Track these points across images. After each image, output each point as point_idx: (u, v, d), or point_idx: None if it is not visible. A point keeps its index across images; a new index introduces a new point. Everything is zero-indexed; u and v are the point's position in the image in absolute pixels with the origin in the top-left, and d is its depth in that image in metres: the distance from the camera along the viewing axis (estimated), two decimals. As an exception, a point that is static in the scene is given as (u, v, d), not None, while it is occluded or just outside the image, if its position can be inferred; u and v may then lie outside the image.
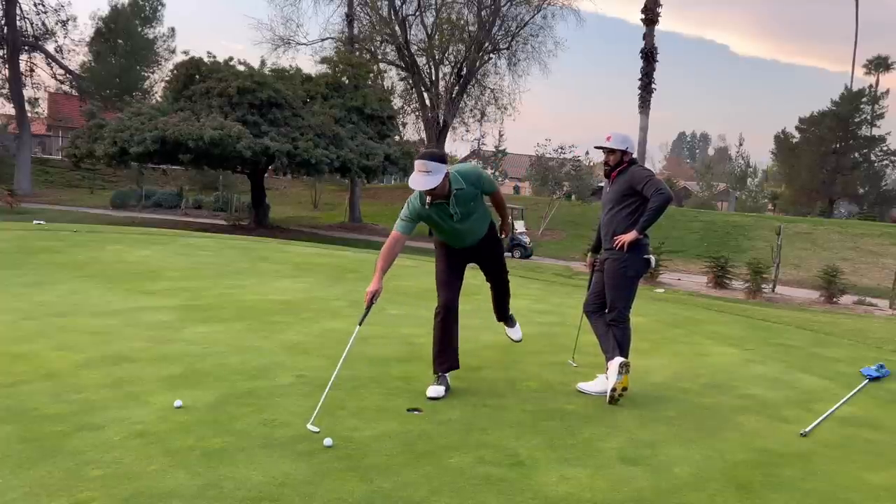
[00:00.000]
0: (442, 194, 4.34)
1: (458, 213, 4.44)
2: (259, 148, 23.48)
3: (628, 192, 4.59)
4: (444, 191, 4.32)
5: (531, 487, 3.15)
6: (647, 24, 25.85)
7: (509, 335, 5.51)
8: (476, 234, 4.67)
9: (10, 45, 35.71)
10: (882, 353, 6.80)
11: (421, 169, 4.21)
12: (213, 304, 6.99)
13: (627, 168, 4.66)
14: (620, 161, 4.67)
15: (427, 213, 4.41)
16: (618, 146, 4.63)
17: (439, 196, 4.34)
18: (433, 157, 4.27)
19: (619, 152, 4.64)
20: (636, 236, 4.48)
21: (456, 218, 4.46)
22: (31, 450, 3.24)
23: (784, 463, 3.66)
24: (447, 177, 4.30)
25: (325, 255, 12.53)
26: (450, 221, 4.48)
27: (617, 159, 4.66)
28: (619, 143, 4.63)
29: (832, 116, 45.56)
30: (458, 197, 4.40)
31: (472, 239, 4.67)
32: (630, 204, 4.59)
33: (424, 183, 4.17)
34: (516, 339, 5.50)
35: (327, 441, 3.51)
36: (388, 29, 40.87)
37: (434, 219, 4.48)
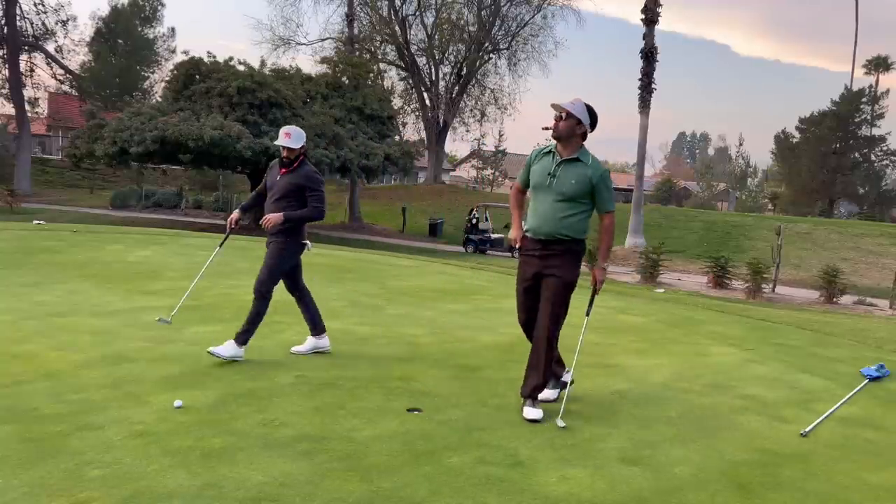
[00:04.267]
0: (563, 138, 4.08)
1: (556, 179, 4.08)
2: (259, 148, 23.47)
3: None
4: (566, 132, 4.05)
5: (531, 487, 3.15)
6: (647, 24, 25.79)
7: (526, 416, 4.12)
8: (552, 228, 4.12)
9: (10, 45, 35.71)
10: (882, 353, 6.79)
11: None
12: (214, 303, 6.99)
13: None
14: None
15: (537, 160, 4.19)
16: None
17: (562, 147, 4.10)
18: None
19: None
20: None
21: (551, 182, 4.09)
22: (31, 450, 3.24)
23: (784, 463, 3.66)
24: (576, 126, 4.07)
25: (325, 255, 12.53)
26: (545, 178, 4.11)
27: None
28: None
29: (832, 116, 45.58)
30: (570, 163, 4.08)
31: (547, 227, 4.12)
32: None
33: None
34: (531, 417, 4.10)
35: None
36: (388, 29, 40.90)
37: (537, 169, 4.16)
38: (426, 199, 38.12)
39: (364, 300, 7.76)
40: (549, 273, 4.15)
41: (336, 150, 25.53)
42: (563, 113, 4.10)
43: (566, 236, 4.12)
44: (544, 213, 4.12)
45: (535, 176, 4.20)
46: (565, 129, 4.09)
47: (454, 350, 5.64)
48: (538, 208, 4.16)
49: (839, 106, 45.84)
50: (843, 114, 45.50)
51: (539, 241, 4.16)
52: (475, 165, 59.12)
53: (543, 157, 4.21)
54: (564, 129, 4.09)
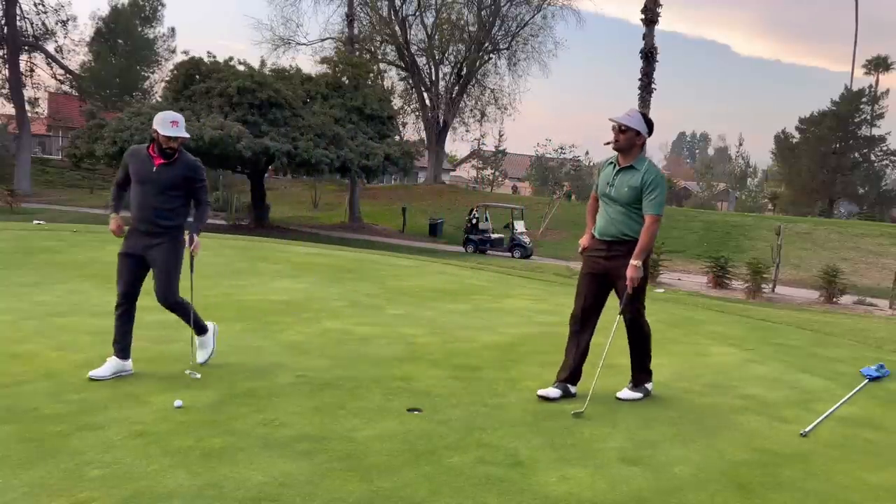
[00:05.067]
0: (624, 150, 4.36)
1: (614, 187, 4.39)
2: (259, 148, 23.47)
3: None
4: (626, 144, 4.33)
5: (531, 487, 3.14)
6: (646, 24, 25.79)
7: (621, 395, 4.63)
8: (613, 231, 4.41)
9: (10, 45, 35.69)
10: (882, 353, 6.80)
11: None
12: (214, 303, 6.99)
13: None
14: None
15: (603, 170, 4.56)
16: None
17: (622, 157, 4.39)
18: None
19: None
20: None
21: (610, 189, 4.42)
22: (31, 450, 3.24)
23: (784, 463, 3.66)
24: (635, 137, 4.33)
25: (325, 255, 12.53)
26: (606, 187, 4.46)
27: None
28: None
29: (832, 116, 45.56)
30: (626, 171, 4.38)
31: (610, 229, 4.42)
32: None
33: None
34: (624, 398, 4.61)
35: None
36: (388, 29, 40.90)
37: (601, 178, 4.53)
38: (426, 199, 38.12)
39: (364, 300, 7.76)
40: (619, 274, 4.41)
41: (336, 150, 25.52)
42: (622, 126, 4.34)
43: (629, 237, 4.39)
44: (607, 218, 4.48)
45: (600, 185, 4.56)
46: (625, 142, 4.36)
47: (454, 350, 5.64)
48: (603, 214, 4.52)
49: (839, 106, 45.82)
50: (843, 114, 45.49)
51: (604, 241, 4.49)
52: (475, 165, 59.10)
53: (607, 166, 4.55)
54: (625, 142, 4.36)
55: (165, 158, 4.47)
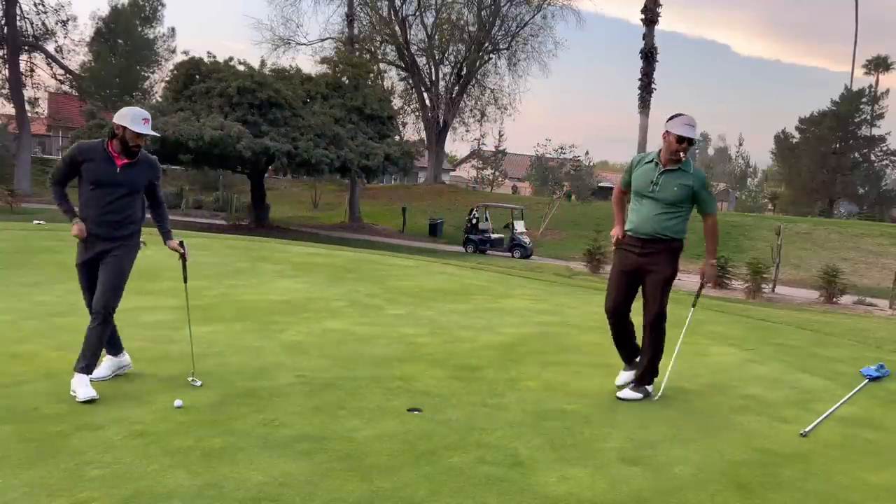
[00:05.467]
0: (667, 158, 4.47)
1: (659, 186, 4.47)
2: (259, 148, 23.47)
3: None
4: (668, 154, 4.45)
5: (531, 487, 3.14)
6: (646, 24, 25.81)
7: (621, 395, 4.63)
8: (654, 229, 4.48)
9: (10, 45, 35.68)
10: (882, 353, 6.80)
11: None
12: (213, 304, 6.99)
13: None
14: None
15: (639, 167, 4.59)
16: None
17: (664, 157, 4.48)
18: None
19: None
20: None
21: (654, 189, 4.48)
22: (31, 450, 3.24)
23: (784, 463, 3.66)
24: (666, 135, 4.46)
25: (325, 255, 12.53)
26: (648, 186, 4.50)
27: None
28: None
29: (832, 116, 45.58)
30: (672, 172, 4.48)
31: (648, 228, 4.48)
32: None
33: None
34: (624, 398, 4.60)
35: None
36: (388, 29, 40.91)
37: (638, 176, 4.58)
38: (426, 199, 38.12)
39: (364, 300, 7.76)
40: (649, 269, 4.52)
41: (336, 150, 25.52)
42: (691, 140, 4.49)
43: (665, 237, 4.50)
44: (646, 216, 4.51)
45: (636, 182, 4.59)
46: (687, 152, 4.53)
47: (454, 350, 5.64)
48: (640, 211, 4.54)
49: (839, 106, 45.84)
50: (843, 114, 45.50)
51: (639, 238, 4.54)
52: (475, 165, 59.10)
53: (645, 165, 4.59)
54: (687, 153, 4.53)
55: (130, 158, 4.12)
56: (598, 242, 19.83)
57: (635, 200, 4.60)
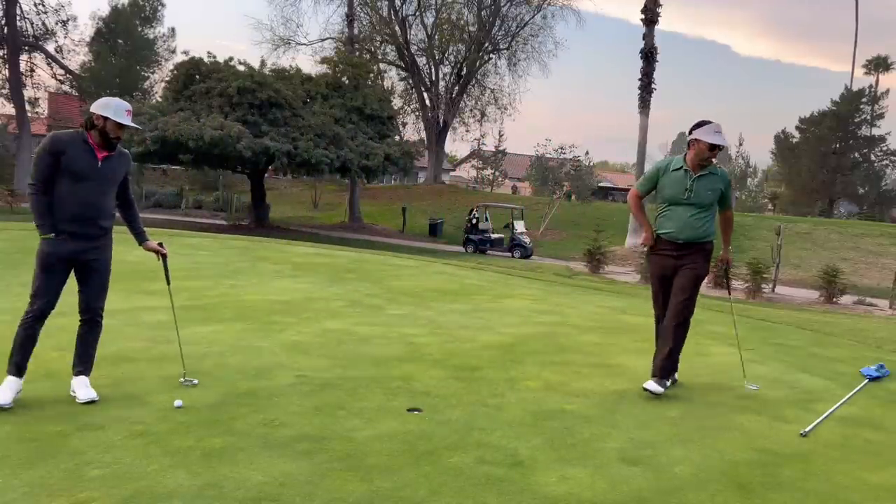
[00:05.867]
0: (697, 164, 4.63)
1: (693, 192, 4.64)
2: (259, 148, 23.48)
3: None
4: (699, 160, 4.61)
5: (531, 487, 3.14)
6: (646, 24, 25.79)
7: (648, 387, 4.64)
8: (693, 233, 4.69)
9: (10, 45, 35.71)
10: (882, 353, 6.80)
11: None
12: (214, 303, 6.99)
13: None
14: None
15: (667, 174, 4.72)
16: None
17: (694, 163, 4.64)
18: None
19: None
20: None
21: (689, 195, 4.65)
22: (31, 450, 3.24)
23: (784, 463, 3.66)
24: (695, 143, 4.61)
25: (325, 255, 12.53)
26: (682, 192, 4.66)
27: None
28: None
29: (832, 116, 45.56)
30: (704, 177, 4.66)
31: (686, 233, 4.68)
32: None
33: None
34: (650, 389, 4.62)
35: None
36: (388, 29, 40.92)
37: (668, 183, 4.70)
38: (426, 199, 38.13)
39: (364, 300, 7.76)
40: (684, 265, 4.71)
41: (336, 150, 25.53)
42: (721, 147, 4.67)
43: (703, 239, 4.72)
44: (683, 222, 4.69)
45: (669, 189, 4.73)
46: (716, 157, 4.75)
47: (454, 350, 5.64)
48: (676, 217, 4.71)
49: (839, 106, 45.82)
50: (843, 114, 45.48)
51: (677, 243, 4.72)
52: (475, 165, 59.09)
53: (674, 172, 4.74)
54: (716, 158, 4.74)
55: (109, 150, 3.93)
56: (598, 242, 19.83)
57: (669, 207, 4.75)
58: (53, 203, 3.82)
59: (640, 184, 5.01)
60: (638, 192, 5.00)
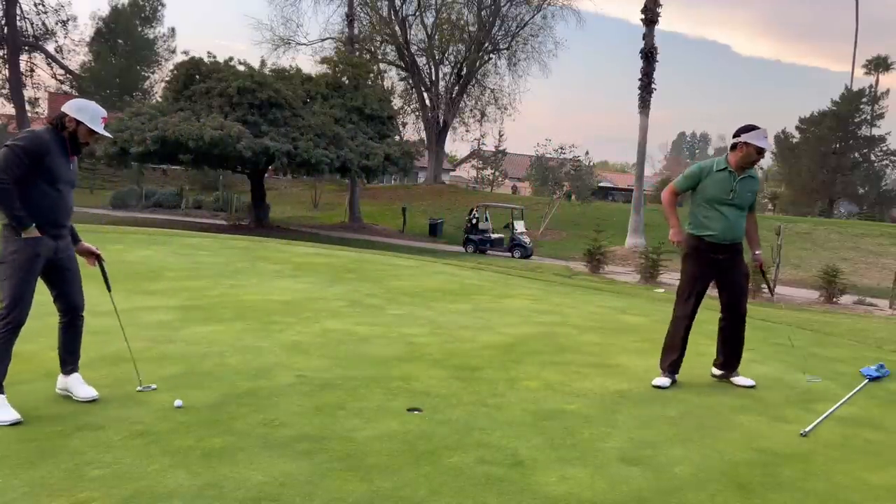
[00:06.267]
0: (741, 166, 4.74)
1: (737, 193, 4.76)
2: (259, 148, 23.48)
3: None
4: (744, 163, 4.72)
5: (531, 487, 3.14)
6: (646, 24, 25.78)
7: (736, 382, 5.13)
8: (735, 234, 4.84)
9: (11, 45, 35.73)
10: (882, 353, 6.79)
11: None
12: (213, 304, 6.99)
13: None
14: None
15: (710, 175, 4.78)
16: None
17: (738, 165, 4.73)
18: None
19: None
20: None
21: (733, 196, 4.77)
22: (31, 450, 3.24)
23: (784, 463, 3.66)
24: (743, 147, 4.69)
25: (325, 255, 12.53)
26: (726, 194, 4.76)
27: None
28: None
29: (832, 116, 45.56)
30: (746, 179, 4.80)
31: (732, 234, 4.82)
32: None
33: None
34: (748, 385, 5.06)
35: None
36: (388, 29, 40.93)
37: (712, 184, 4.76)
38: (426, 199, 38.14)
39: (364, 300, 7.76)
40: (730, 268, 4.91)
41: (336, 150, 25.53)
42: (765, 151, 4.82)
43: (739, 240, 4.89)
44: (730, 223, 4.81)
45: (713, 190, 4.80)
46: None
47: (454, 350, 5.64)
48: (722, 219, 4.79)
49: (839, 106, 45.82)
50: (843, 114, 45.48)
51: (721, 245, 4.83)
52: (475, 165, 59.08)
53: (718, 173, 4.81)
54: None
55: (76, 154, 3.86)
56: (598, 242, 19.83)
57: (712, 208, 4.81)
58: (30, 209, 3.65)
59: (679, 182, 4.98)
60: (676, 189, 5.00)
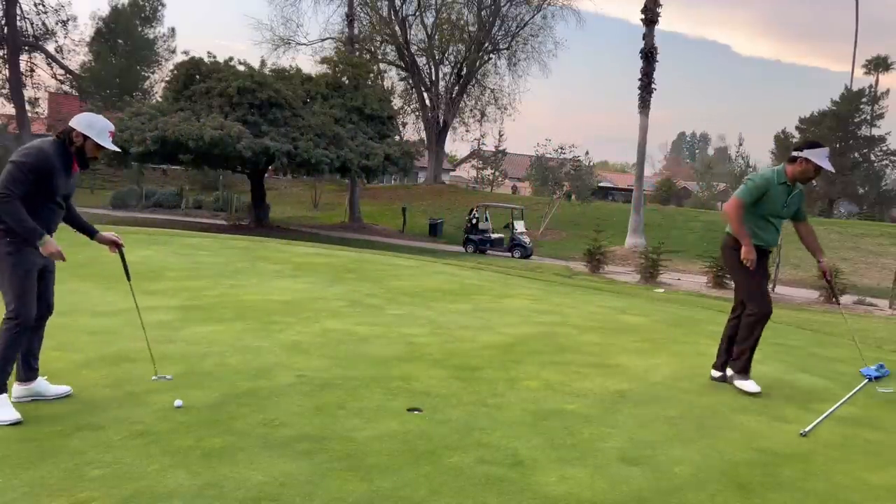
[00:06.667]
0: (797, 181, 4.89)
1: (789, 207, 4.97)
2: (259, 148, 23.48)
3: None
4: (801, 178, 4.86)
5: (531, 487, 3.14)
6: (646, 24, 25.79)
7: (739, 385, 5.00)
8: (775, 241, 5.08)
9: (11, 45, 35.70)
10: (882, 353, 6.80)
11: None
12: (214, 304, 6.99)
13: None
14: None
15: (774, 188, 4.88)
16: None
17: (794, 179, 4.88)
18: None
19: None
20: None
21: (784, 209, 4.95)
22: (31, 450, 3.24)
23: (784, 463, 3.66)
24: (803, 162, 4.82)
25: (325, 255, 12.53)
26: (781, 207, 4.92)
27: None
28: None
29: (832, 116, 45.55)
30: (796, 194, 4.98)
31: (776, 242, 5.09)
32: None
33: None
34: (752, 391, 4.92)
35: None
36: (388, 29, 40.94)
37: (772, 197, 4.88)
38: (426, 199, 38.13)
39: (364, 300, 7.76)
40: (764, 267, 5.11)
41: (336, 150, 25.54)
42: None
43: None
44: (778, 233, 5.05)
45: (773, 203, 4.93)
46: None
47: (454, 350, 5.64)
48: (770, 229, 4.99)
49: (839, 106, 45.80)
50: (843, 114, 45.47)
51: (766, 251, 5.04)
52: (475, 165, 59.04)
53: (780, 186, 4.93)
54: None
55: (84, 168, 3.89)
56: (598, 242, 19.83)
57: (766, 219, 4.94)
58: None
59: (745, 194, 4.93)
60: (743, 202, 4.94)
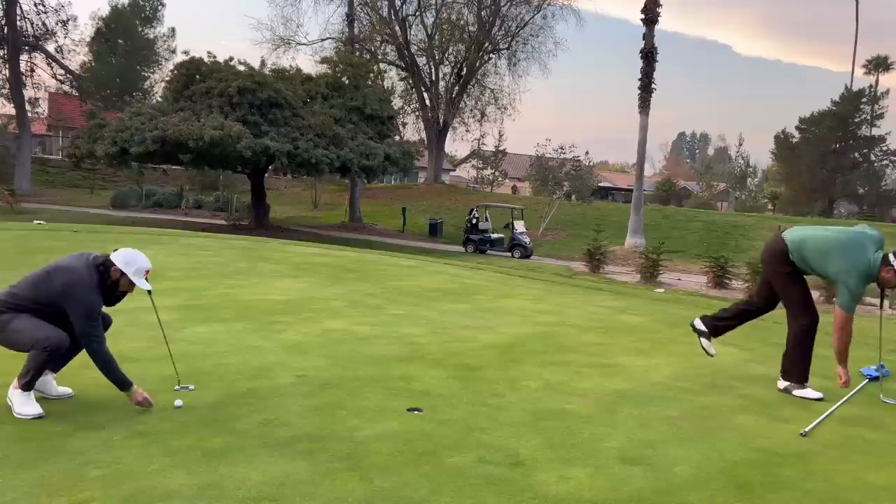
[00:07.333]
0: (884, 283, 5.28)
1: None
2: (259, 148, 23.47)
3: None
4: (888, 282, 5.22)
5: (531, 487, 3.14)
6: (646, 24, 25.79)
7: (798, 394, 5.05)
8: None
9: (11, 45, 35.75)
10: (882, 353, 6.78)
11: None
12: (214, 303, 6.99)
13: None
14: None
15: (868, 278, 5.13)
16: None
17: (882, 282, 5.22)
18: None
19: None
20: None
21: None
22: (31, 450, 3.24)
23: (784, 463, 3.66)
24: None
25: (325, 255, 12.53)
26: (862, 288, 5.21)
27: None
28: None
29: (832, 116, 45.53)
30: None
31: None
32: None
33: None
34: (813, 398, 4.94)
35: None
36: (388, 29, 40.92)
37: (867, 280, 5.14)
38: (426, 199, 38.13)
39: (364, 300, 7.76)
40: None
41: (336, 150, 25.53)
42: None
43: None
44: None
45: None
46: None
47: (454, 350, 5.64)
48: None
49: (839, 106, 45.78)
50: (843, 114, 45.44)
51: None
52: (475, 165, 59.06)
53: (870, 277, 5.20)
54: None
55: (110, 305, 4.04)
56: (598, 242, 19.83)
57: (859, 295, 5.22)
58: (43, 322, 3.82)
59: (855, 292, 5.19)
60: (852, 311, 5.16)
